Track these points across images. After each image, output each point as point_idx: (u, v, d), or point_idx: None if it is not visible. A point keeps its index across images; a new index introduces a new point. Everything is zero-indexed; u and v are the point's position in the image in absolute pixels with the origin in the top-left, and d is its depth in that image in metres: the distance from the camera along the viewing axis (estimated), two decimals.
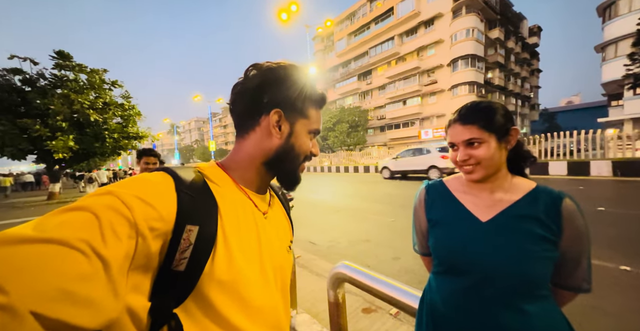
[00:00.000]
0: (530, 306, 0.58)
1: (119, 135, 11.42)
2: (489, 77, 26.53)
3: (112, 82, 11.72)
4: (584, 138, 10.64)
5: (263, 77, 0.47)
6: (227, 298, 0.38)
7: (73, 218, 0.28)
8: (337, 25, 34.90)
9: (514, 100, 31.08)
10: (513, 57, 30.22)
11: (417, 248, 0.84)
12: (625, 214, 4.41)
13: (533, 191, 0.64)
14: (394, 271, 2.77)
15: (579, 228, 0.60)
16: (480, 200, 0.68)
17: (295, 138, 0.49)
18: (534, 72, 37.02)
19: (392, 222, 4.75)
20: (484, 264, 0.61)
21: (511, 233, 0.61)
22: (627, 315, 1.91)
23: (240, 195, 0.47)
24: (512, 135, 0.66)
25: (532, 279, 0.58)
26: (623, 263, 2.66)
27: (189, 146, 69.66)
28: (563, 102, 53.88)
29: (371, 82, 31.86)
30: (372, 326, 1.84)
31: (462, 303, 0.64)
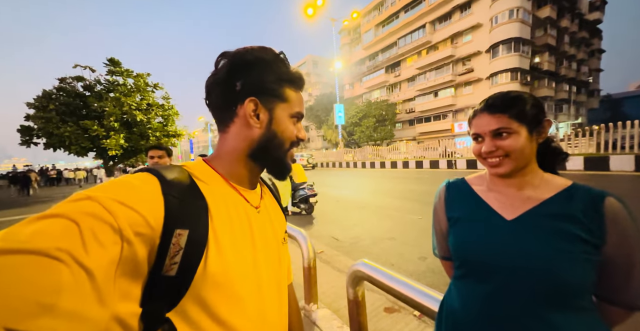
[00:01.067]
0: (563, 319, 0.51)
1: (160, 133, 12.58)
2: (537, 61, 23.68)
3: (154, 85, 12.90)
4: None
5: (231, 64, 0.45)
6: (220, 297, 0.38)
7: (49, 226, 0.27)
8: (364, 16, 33.82)
9: (567, 86, 27.39)
10: (567, 37, 26.49)
11: (437, 251, 0.79)
12: None
13: (569, 188, 0.58)
14: (419, 272, 2.67)
15: (626, 231, 0.52)
16: (506, 198, 0.62)
17: (277, 124, 0.47)
18: (594, 53, 32.15)
19: (419, 220, 4.55)
20: (509, 266, 0.55)
21: (541, 232, 0.55)
22: None
23: (230, 191, 0.45)
24: (544, 127, 0.60)
25: (566, 284, 0.51)
26: None
27: None
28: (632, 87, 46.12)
29: (399, 74, 30.48)
30: (394, 327, 1.80)
31: (483, 310, 0.58)
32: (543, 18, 23.31)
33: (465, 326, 0.61)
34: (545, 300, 0.52)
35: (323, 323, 1.79)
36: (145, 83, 12.54)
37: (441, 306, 0.73)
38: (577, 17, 27.55)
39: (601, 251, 0.52)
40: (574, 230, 0.53)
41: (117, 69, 12.03)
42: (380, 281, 1.27)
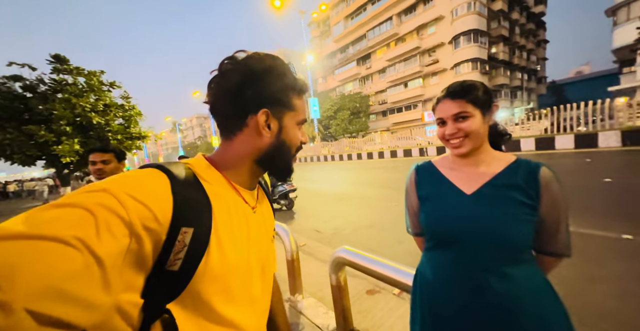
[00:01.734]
0: (513, 270, 0.62)
1: (122, 136, 11.58)
2: (493, 52, 25.44)
3: (110, 83, 11.74)
4: (592, 109, 10.27)
5: (242, 74, 0.45)
6: (216, 290, 0.40)
7: (66, 214, 0.28)
8: (333, 8, 33.59)
9: (520, 74, 29.88)
10: (518, 29, 28.73)
11: (411, 229, 0.88)
12: (631, 184, 4.33)
13: (514, 163, 0.69)
14: (397, 254, 2.83)
15: (555, 194, 0.63)
16: (465, 174, 0.72)
17: (286, 133, 0.49)
18: (540, 43, 35.26)
19: (395, 206, 4.78)
20: (470, 232, 0.65)
21: (494, 201, 0.65)
22: (624, 280, 1.94)
23: (231, 192, 0.47)
24: (493, 110, 0.71)
25: (514, 241, 0.62)
26: (625, 232, 2.65)
27: (193, 143, 70.17)
28: (572, 73, 51.57)
29: (371, 66, 31.00)
30: (376, 306, 1.91)
31: (450, 272, 0.67)
32: (496, 11, 24.96)
33: (436, 289, 0.70)
34: (499, 256, 0.62)
35: (309, 311, 1.85)
36: (99, 82, 11.35)
37: (415, 276, 0.81)
38: (525, 9, 29.92)
39: (537, 212, 0.63)
40: (518, 197, 0.63)
41: (65, 67, 10.70)
42: (361, 264, 1.34)
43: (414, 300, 0.79)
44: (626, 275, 2.02)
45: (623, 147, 8.65)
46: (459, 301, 0.65)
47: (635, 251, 2.32)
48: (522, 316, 0.59)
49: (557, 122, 11.27)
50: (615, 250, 2.38)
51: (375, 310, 1.87)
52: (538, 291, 0.62)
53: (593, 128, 10.40)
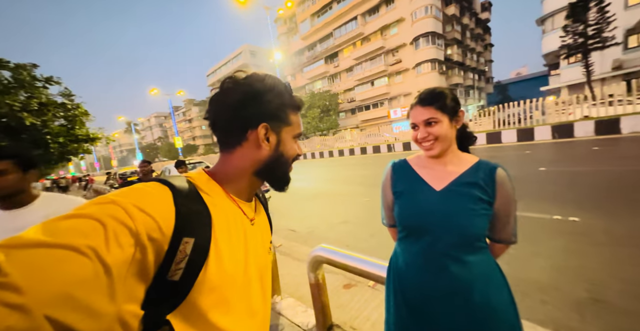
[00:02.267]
0: (471, 257, 0.72)
1: (64, 138, 10.18)
2: (449, 53, 27.55)
3: (45, 79, 10.18)
4: (529, 106, 11.78)
5: (243, 93, 0.48)
6: (215, 302, 0.41)
7: (80, 225, 0.30)
8: (299, 5, 33.21)
9: (472, 74, 32.89)
10: (468, 32, 31.51)
11: (385, 221, 0.95)
12: (561, 171, 5.10)
13: (476, 163, 0.78)
14: (371, 248, 2.97)
15: (508, 191, 0.74)
16: (436, 173, 0.80)
17: (284, 146, 0.52)
18: (487, 46, 39.14)
19: (367, 201, 4.99)
20: (437, 224, 0.73)
21: (458, 197, 0.74)
22: (557, 255, 2.29)
23: (230, 204, 0.49)
24: (459, 116, 0.79)
25: (473, 232, 0.71)
26: (556, 213, 3.13)
27: (152, 144, 64.50)
28: (513, 74, 58.23)
29: (338, 65, 31.45)
30: (352, 299, 1.99)
31: (419, 259, 0.76)
32: (450, 15, 27.06)
33: (407, 274, 0.79)
34: (459, 244, 0.72)
35: (288, 312, 1.86)
36: (31, 76, 9.76)
37: (389, 264, 0.89)
38: (473, 15, 32.92)
39: (492, 206, 0.73)
40: (478, 194, 0.73)
41: None
42: (338, 261, 1.39)
43: (388, 286, 0.87)
44: (558, 250, 2.39)
45: (553, 140, 10.09)
46: (425, 283, 0.74)
47: (565, 229, 2.75)
48: (475, 293, 0.70)
49: (502, 118, 12.70)
50: (549, 230, 2.79)
51: (352, 303, 1.95)
52: (489, 273, 0.74)
53: (530, 123, 11.94)
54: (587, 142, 8.19)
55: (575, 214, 3.03)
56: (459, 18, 28.63)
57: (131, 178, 13.25)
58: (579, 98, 10.85)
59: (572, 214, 3.04)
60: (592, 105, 10.53)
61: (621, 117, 8.79)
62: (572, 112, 10.94)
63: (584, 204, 3.30)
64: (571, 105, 10.98)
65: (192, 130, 59.99)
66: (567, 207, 3.26)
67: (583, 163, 5.57)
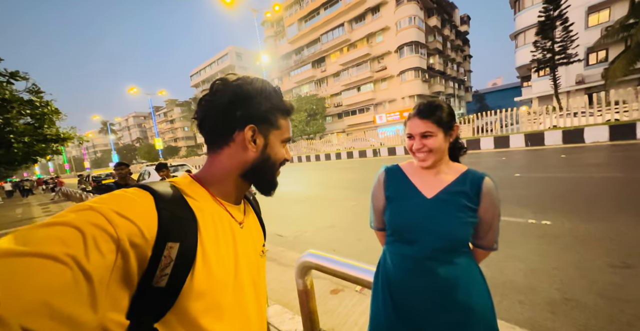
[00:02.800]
0: (455, 260, 0.76)
1: (30, 138, 9.42)
2: (431, 62, 28.80)
3: (10, 74, 9.42)
4: (504, 115, 12.53)
5: (233, 94, 0.48)
6: (204, 307, 0.40)
7: (56, 232, 0.29)
8: (286, 9, 33.40)
9: (452, 83, 34.54)
10: (449, 43, 33.18)
11: (374, 225, 0.96)
12: (534, 177, 5.44)
13: (464, 172, 0.82)
14: (358, 252, 2.99)
15: (493, 200, 0.77)
16: (427, 180, 0.84)
17: (271, 149, 0.52)
18: (466, 57, 41.39)
19: (354, 206, 5.03)
20: (426, 230, 0.76)
21: (447, 205, 0.77)
22: (532, 257, 2.42)
23: (217, 207, 0.48)
24: (454, 130, 0.83)
25: (459, 238, 0.76)
26: (530, 217, 3.32)
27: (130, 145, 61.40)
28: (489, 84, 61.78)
29: (325, 70, 31.84)
30: (340, 304, 1.99)
31: (408, 263, 0.79)
32: (432, 26, 28.38)
33: (395, 277, 0.81)
34: (445, 250, 0.76)
35: (275, 319, 1.82)
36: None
37: (378, 267, 0.91)
38: (454, 27, 34.77)
39: (477, 214, 0.77)
40: (464, 202, 0.76)
41: None
42: (327, 267, 1.38)
43: (375, 290, 0.88)
44: (533, 253, 2.53)
45: (526, 147, 10.77)
46: (412, 284, 0.77)
47: (539, 232, 2.92)
48: (458, 294, 0.74)
49: (481, 126, 13.40)
50: (524, 233, 2.95)
51: (340, 308, 1.94)
52: (472, 276, 0.78)
53: (507, 131, 12.68)
54: (556, 150, 8.81)
55: (548, 218, 3.23)
56: (441, 29, 30.07)
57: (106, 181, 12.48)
58: (548, 109, 11.70)
59: (545, 218, 3.24)
60: (560, 115, 11.38)
61: (585, 127, 9.57)
62: (542, 122, 11.76)
63: (556, 208, 3.53)
64: (541, 115, 11.80)
65: (174, 131, 57.87)
66: (541, 211, 3.48)
67: (553, 169, 5.98)
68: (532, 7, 19.89)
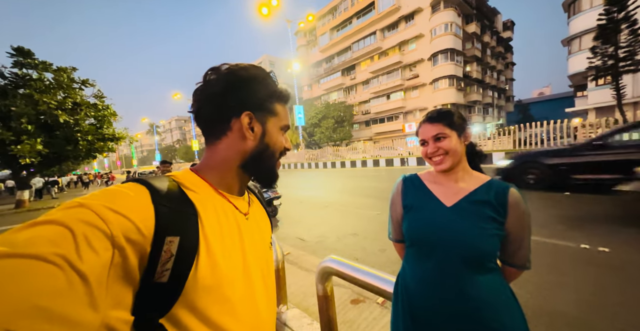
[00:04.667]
0: (481, 276, 0.70)
1: (93, 137, 10.80)
2: (467, 70, 27.39)
3: (82, 81, 11.01)
4: (553, 127, 11.34)
5: (227, 81, 0.46)
6: (212, 301, 0.39)
7: (45, 232, 0.27)
8: (319, 19, 34.53)
9: (491, 92, 32.35)
10: (489, 50, 31.32)
11: (392, 236, 0.92)
12: (588, 197, 4.79)
13: (488, 182, 0.78)
14: (381, 263, 2.87)
15: (521, 212, 0.72)
16: (447, 189, 0.80)
17: (269, 137, 0.50)
18: (508, 65, 38.61)
19: (378, 215, 4.88)
20: (446, 240, 0.72)
21: (469, 215, 0.73)
22: (586, 288, 2.11)
23: (219, 199, 0.47)
24: (467, 133, 0.81)
25: (483, 250, 0.70)
26: (583, 242, 2.91)
27: (171, 146, 67.10)
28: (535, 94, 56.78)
29: (355, 77, 31.97)
30: (360, 316, 1.91)
31: (429, 277, 0.74)
32: (470, 33, 27.11)
33: (415, 292, 0.76)
34: (469, 263, 0.70)
35: (293, 323, 1.80)
36: (69, 78, 10.60)
37: (397, 281, 0.86)
38: (495, 34, 32.81)
39: (504, 227, 0.71)
40: (489, 213, 0.71)
41: (28, 61, 9.88)
42: (348, 274, 1.35)
43: (395, 304, 0.83)
44: (587, 283, 2.21)
45: None
46: (434, 300, 0.71)
47: (594, 260, 2.55)
48: (485, 314, 0.67)
49: (523, 138, 12.27)
50: (575, 259, 2.59)
51: (360, 320, 1.87)
52: (500, 294, 0.71)
53: (554, 145, 11.44)
54: None
55: (605, 244, 2.80)
56: (480, 36, 28.60)
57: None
58: (609, 122, 10.34)
59: (602, 244, 2.82)
60: None
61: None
62: None
63: (615, 233, 3.06)
64: (600, 128, 10.47)
65: None
66: (596, 236, 3.04)
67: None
68: (590, 10, 18.04)
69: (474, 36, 27.65)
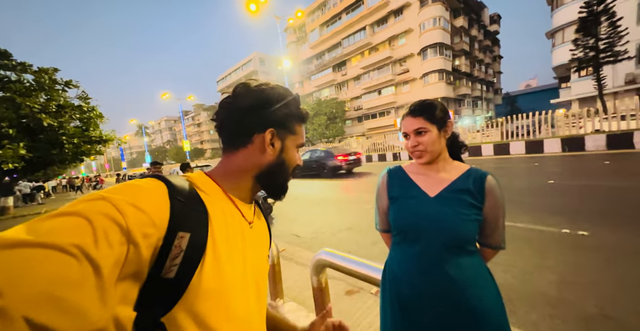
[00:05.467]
0: (462, 259, 0.76)
1: (79, 139, 10.49)
2: (456, 64, 27.69)
3: (65, 82, 10.63)
4: (539, 119, 11.65)
5: (255, 99, 0.50)
6: (212, 306, 0.39)
7: (66, 223, 0.28)
8: (309, 15, 34.16)
9: (480, 85, 32.87)
10: (477, 44, 31.71)
11: (379, 226, 0.97)
12: (570, 185, 5.00)
13: (467, 171, 0.82)
14: (373, 255, 2.95)
15: (496, 198, 0.78)
16: (429, 179, 0.84)
17: (286, 153, 0.53)
18: (495, 58, 39.21)
19: (371, 209, 4.94)
20: (431, 228, 0.77)
21: (450, 203, 0.78)
22: (566, 269, 2.23)
23: (228, 204, 0.48)
24: (448, 126, 0.84)
25: (464, 235, 0.76)
26: (564, 227, 3.07)
27: (161, 147, 65.79)
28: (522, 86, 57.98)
29: (346, 73, 31.91)
30: (354, 306, 1.98)
31: (414, 263, 0.79)
32: (458, 27, 27.36)
33: (402, 278, 0.81)
34: (451, 247, 0.76)
35: (290, 316, 1.86)
36: (51, 80, 10.21)
37: (384, 269, 0.91)
38: (482, 27, 33.20)
39: (482, 212, 0.77)
40: (469, 199, 0.77)
41: (5, 62, 9.47)
42: (342, 265, 1.40)
43: (383, 291, 0.88)
44: (567, 265, 2.33)
45: (563, 153, 9.91)
46: (419, 284, 0.77)
47: (574, 243, 2.69)
48: (467, 293, 0.73)
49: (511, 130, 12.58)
50: (557, 243, 2.73)
51: (354, 310, 1.94)
52: (480, 275, 0.77)
53: (539, 135, 11.78)
54: (599, 156, 8.02)
55: (585, 228, 2.96)
56: (468, 30, 28.89)
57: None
58: (590, 112, 10.70)
59: (582, 228, 2.97)
60: (604, 119, 10.35)
61: (634, 131, 8.61)
62: (582, 126, 10.77)
63: (594, 218, 3.22)
64: (582, 119, 10.82)
65: (201, 134, 61.10)
66: (576, 221, 3.19)
67: (594, 177, 5.45)
68: (571, 3, 18.42)
69: (462, 30, 27.91)
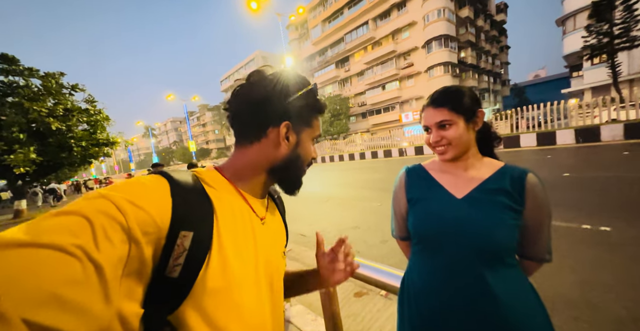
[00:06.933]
0: (499, 273, 0.62)
1: (87, 142, 10.67)
2: (462, 56, 27.03)
3: (72, 86, 10.79)
4: (550, 109, 11.26)
5: (271, 88, 0.46)
6: (220, 305, 0.38)
7: (65, 222, 0.28)
8: (310, 12, 33.81)
9: (487, 77, 32.04)
10: (483, 35, 30.84)
11: (396, 233, 0.85)
12: (586, 177, 4.78)
13: (502, 168, 0.70)
14: (382, 254, 2.87)
15: (539, 199, 0.64)
16: (455, 178, 0.72)
17: (302, 147, 0.50)
18: (503, 48, 38.12)
19: (379, 207, 4.86)
20: (459, 236, 0.64)
21: (482, 205, 0.65)
22: (588, 268, 2.10)
23: (238, 199, 0.46)
24: (478, 117, 0.70)
25: (501, 243, 0.62)
26: (584, 222, 2.91)
27: (168, 148, 66.77)
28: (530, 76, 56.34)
29: (349, 69, 31.55)
30: (364, 309, 1.90)
31: (439, 277, 0.67)
32: (463, 18, 26.61)
33: (425, 295, 0.69)
34: (485, 260, 0.62)
35: (297, 319, 1.79)
36: (58, 84, 10.37)
37: (402, 281, 0.80)
38: (488, 17, 32.23)
39: (522, 215, 0.64)
40: (505, 201, 0.64)
41: (14, 68, 9.66)
42: None
43: (401, 306, 0.77)
44: (589, 263, 2.20)
45: (577, 144, 9.56)
46: (448, 305, 0.64)
47: (596, 240, 2.54)
48: (504, 316, 0.60)
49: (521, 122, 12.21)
50: (577, 240, 2.59)
51: (364, 313, 1.86)
52: (522, 294, 0.63)
53: (551, 127, 11.40)
54: (616, 147, 7.69)
55: (607, 223, 2.80)
56: (473, 20, 28.10)
57: None
58: (605, 101, 10.27)
59: (603, 223, 2.81)
60: (620, 107, 9.92)
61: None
62: (597, 115, 10.35)
63: (616, 213, 3.05)
64: (596, 108, 10.40)
65: (206, 134, 61.65)
66: (597, 216, 3.03)
67: (613, 169, 5.21)
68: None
69: (467, 21, 27.15)
